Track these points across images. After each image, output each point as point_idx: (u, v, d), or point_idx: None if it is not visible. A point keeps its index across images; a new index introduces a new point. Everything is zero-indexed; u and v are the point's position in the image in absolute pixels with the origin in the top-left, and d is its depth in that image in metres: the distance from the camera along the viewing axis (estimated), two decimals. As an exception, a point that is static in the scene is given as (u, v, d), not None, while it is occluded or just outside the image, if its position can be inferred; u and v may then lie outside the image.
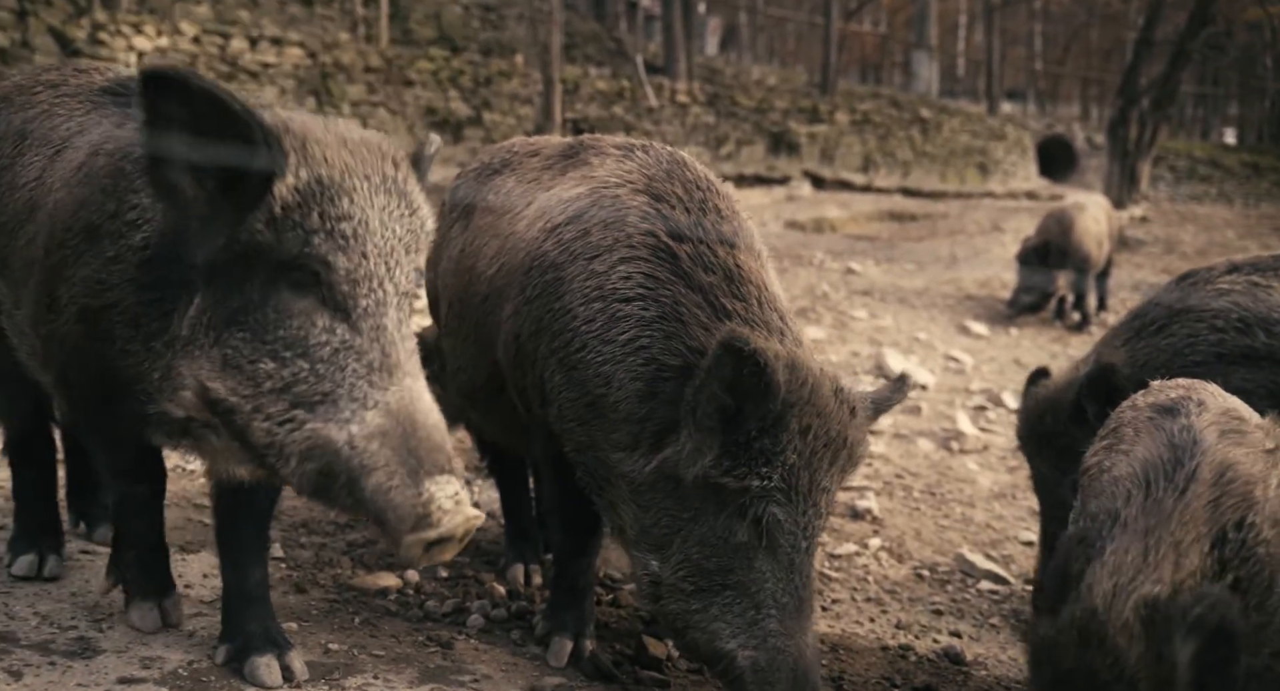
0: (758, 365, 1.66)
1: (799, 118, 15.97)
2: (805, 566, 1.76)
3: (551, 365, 1.97)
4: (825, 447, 1.75)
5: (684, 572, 1.78)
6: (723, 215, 2.00)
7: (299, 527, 2.85)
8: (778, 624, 1.72)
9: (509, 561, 2.65)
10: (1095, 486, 1.66)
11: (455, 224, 2.53)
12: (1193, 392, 1.73)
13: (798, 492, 1.73)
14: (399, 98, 11.78)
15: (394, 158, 1.57)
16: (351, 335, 1.46)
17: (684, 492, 1.77)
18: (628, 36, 18.76)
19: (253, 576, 1.88)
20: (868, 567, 2.91)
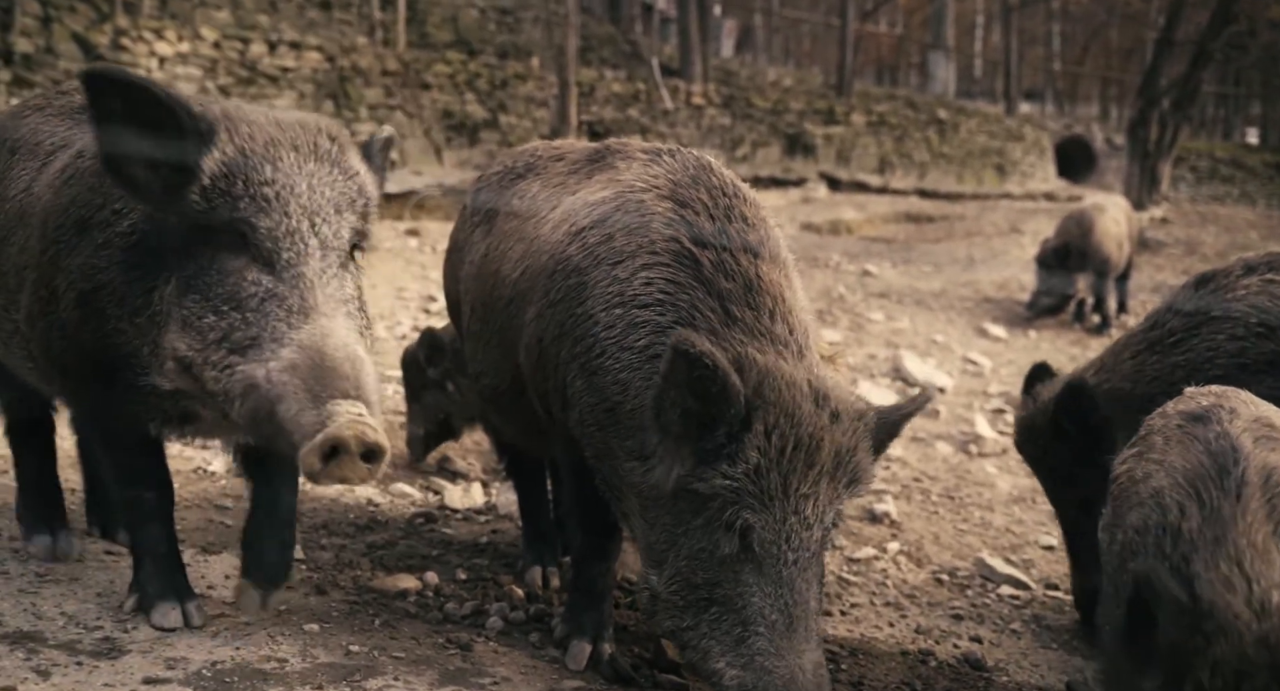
0: (707, 368, 1.66)
1: (815, 119, 15.93)
2: (797, 581, 1.69)
3: (573, 370, 1.97)
4: (796, 449, 1.69)
5: (675, 587, 1.76)
6: (749, 222, 1.99)
7: (319, 529, 2.87)
8: (766, 642, 1.66)
9: (527, 564, 2.66)
10: (1129, 496, 1.64)
11: (477, 228, 2.54)
12: (1224, 400, 1.71)
13: (770, 497, 1.68)
14: (416, 101, 11.85)
15: (330, 133, 1.77)
16: (275, 284, 1.64)
17: (675, 506, 1.77)
18: (643, 39, 18.78)
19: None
20: (886, 572, 2.90)
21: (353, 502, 3.23)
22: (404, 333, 5.67)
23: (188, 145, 1.65)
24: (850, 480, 1.76)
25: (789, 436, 1.70)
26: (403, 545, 2.82)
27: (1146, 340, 2.46)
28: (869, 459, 1.79)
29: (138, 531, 2.03)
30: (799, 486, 1.70)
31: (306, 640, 2.01)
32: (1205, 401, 1.72)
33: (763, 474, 1.69)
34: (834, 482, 1.74)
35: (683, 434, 1.72)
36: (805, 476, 1.70)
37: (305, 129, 1.74)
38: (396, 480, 3.57)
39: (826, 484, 1.73)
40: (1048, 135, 21.56)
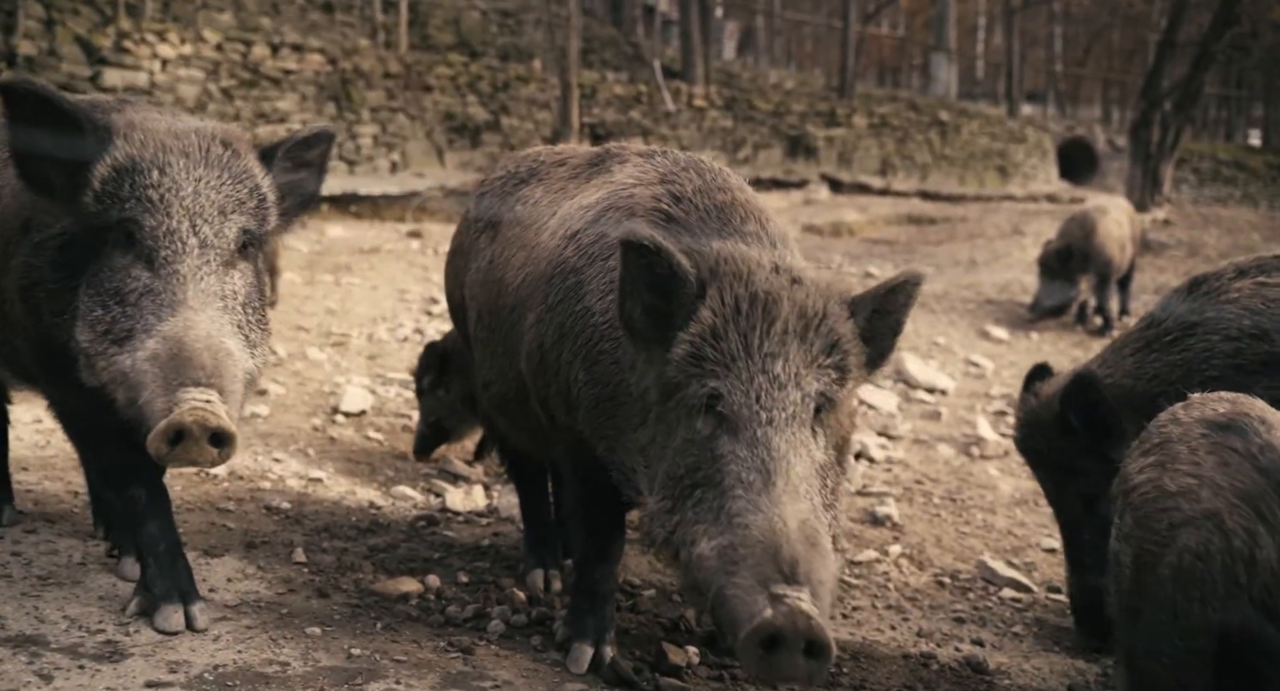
0: (652, 250, 1.69)
1: (816, 121, 15.94)
2: (774, 440, 1.60)
3: (576, 369, 1.97)
4: (753, 306, 1.67)
5: (664, 491, 1.70)
6: (743, 209, 2.01)
7: (321, 532, 2.87)
8: (744, 503, 1.56)
9: (529, 567, 2.66)
10: (1166, 512, 1.56)
11: (481, 234, 2.54)
12: (1245, 407, 1.65)
13: (732, 357, 1.65)
14: (418, 103, 11.86)
15: (225, 140, 1.91)
16: (152, 280, 1.78)
17: (662, 418, 1.75)
18: (645, 41, 18.79)
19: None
20: (888, 575, 2.89)
21: (355, 505, 3.24)
22: (406, 335, 5.68)
23: (86, 151, 1.81)
24: (827, 347, 1.69)
25: (743, 296, 1.68)
26: (404, 548, 2.82)
27: (1144, 338, 2.46)
28: (847, 327, 1.73)
29: (137, 532, 2.06)
30: (762, 344, 1.65)
31: (308, 643, 2.01)
32: (1224, 408, 1.67)
33: (720, 334, 1.67)
34: (806, 345, 1.67)
35: (652, 334, 1.74)
36: (768, 334, 1.66)
37: (200, 136, 1.88)
38: (398, 483, 3.58)
39: (796, 345, 1.67)
40: (1050, 137, 21.55)
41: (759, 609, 1.43)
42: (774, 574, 1.46)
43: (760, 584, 1.46)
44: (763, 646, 1.43)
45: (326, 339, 5.54)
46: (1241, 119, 32.46)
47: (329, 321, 5.90)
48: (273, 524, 2.88)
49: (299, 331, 5.65)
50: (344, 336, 5.59)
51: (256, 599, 2.25)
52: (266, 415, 4.16)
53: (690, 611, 2.49)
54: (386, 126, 11.56)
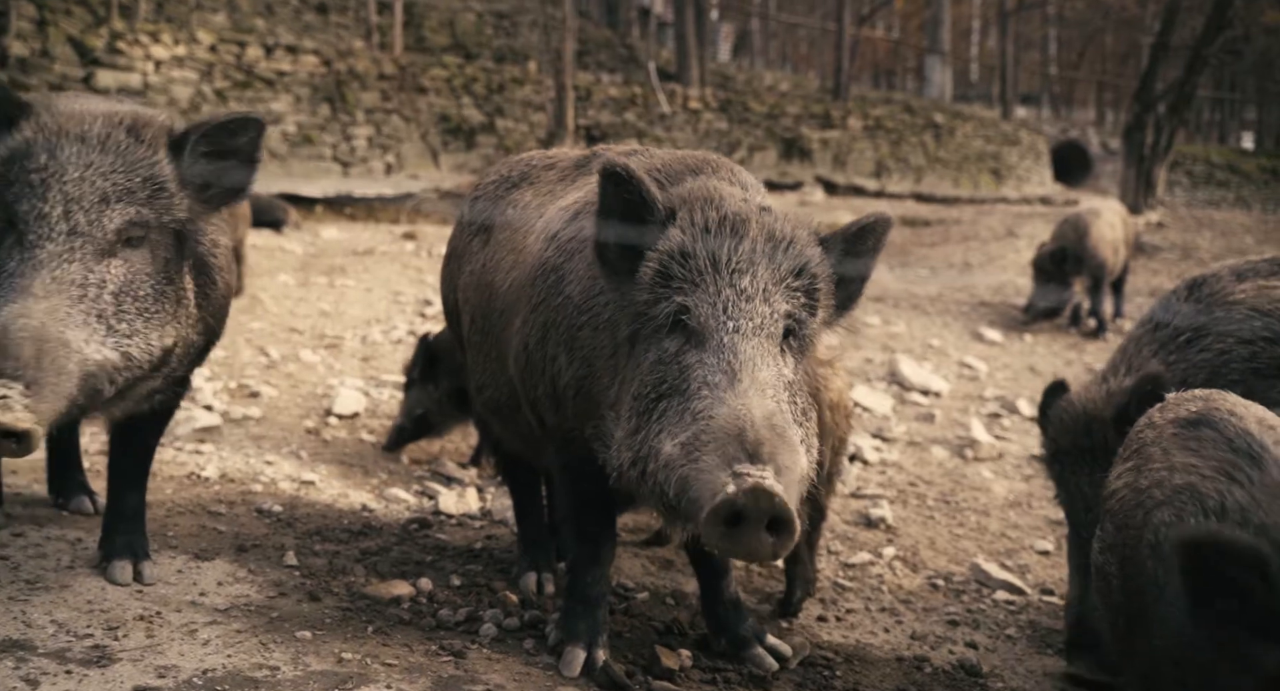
0: (624, 178, 1.72)
1: (811, 123, 15.96)
2: (741, 346, 1.61)
3: (560, 358, 1.98)
4: (721, 225, 1.70)
5: (629, 415, 1.69)
6: (719, 165, 2.04)
7: (312, 535, 2.86)
8: (708, 401, 1.55)
9: (522, 570, 2.65)
10: (1141, 505, 1.59)
11: (475, 237, 2.54)
12: (1216, 402, 1.68)
13: (700, 273, 1.67)
14: (412, 105, 11.85)
15: (132, 126, 1.89)
16: (16, 264, 1.77)
17: (632, 356, 1.76)
18: (640, 43, 18.80)
19: (129, 500, 2.30)
20: (882, 577, 2.89)
21: (347, 508, 3.22)
22: (399, 337, 5.66)
23: None
24: (796, 269, 1.70)
25: (713, 217, 1.71)
26: (396, 551, 2.81)
27: (1156, 340, 2.44)
28: (816, 254, 1.74)
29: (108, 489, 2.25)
30: (730, 260, 1.67)
31: (298, 647, 2.00)
32: (1196, 406, 1.69)
33: (689, 253, 1.69)
34: (774, 265, 1.69)
35: (623, 265, 1.75)
36: (735, 251, 1.68)
37: (105, 122, 1.86)
38: (391, 485, 3.57)
39: (765, 263, 1.68)
40: (1044, 139, 21.60)
41: (720, 485, 1.43)
42: (737, 453, 1.46)
43: (723, 463, 1.46)
44: (725, 523, 1.43)
45: (320, 341, 5.52)
46: (1234, 122, 32.60)
47: (323, 323, 5.88)
48: (264, 527, 2.86)
49: (292, 333, 5.63)
50: (338, 338, 5.58)
51: (247, 602, 2.24)
52: (259, 417, 4.14)
53: (684, 614, 2.49)
54: (381, 128, 11.54)
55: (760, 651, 2.21)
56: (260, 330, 5.60)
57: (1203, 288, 2.43)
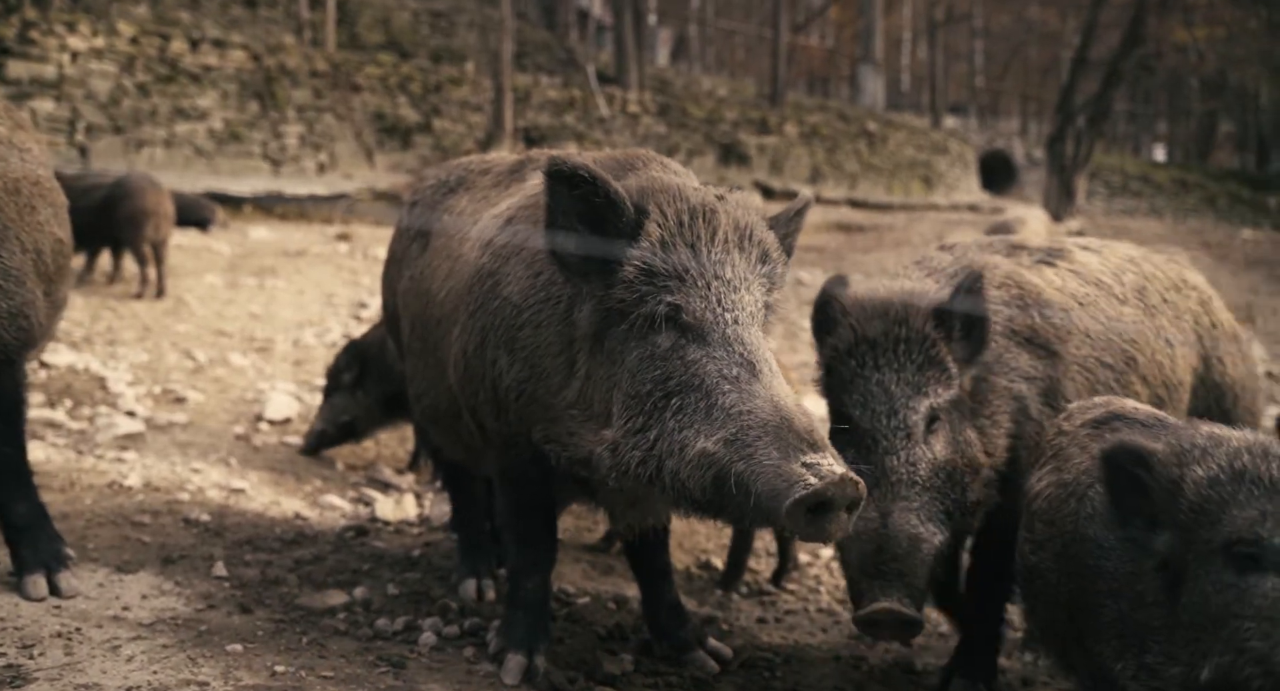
0: (586, 179, 1.71)
1: (749, 129, 16.16)
2: (745, 336, 1.66)
3: (500, 361, 1.96)
4: (694, 218, 1.72)
5: (629, 413, 1.67)
6: (650, 160, 2.05)
7: (243, 545, 2.77)
8: (735, 396, 1.58)
9: (462, 576, 2.61)
10: (1061, 501, 1.71)
11: (413, 244, 2.51)
12: (1116, 406, 1.85)
13: (685, 268, 1.68)
14: (346, 103, 11.61)
15: None
16: None
17: (605, 346, 1.76)
18: (579, 46, 18.78)
19: (17, 510, 2.19)
20: (819, 578, 2.93)
21: (279, 516, 3.14)
22: (333, 340, 5.54)
23: None
24: (762, 256, 1.75)
25: (683, 209, 1.73)
26: (332, 559, 2.74)
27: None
28: (772, 239, 1.80)
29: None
30: (710, 252, 1.70)
31: (229, 661, 1.93)
32: (1100, 411, 1.87)
33: (670, 247, 1.70)
34: (745, 254, 1.73)
35: (587, 266, 1.74)
36: (713, 242, 1.71)
37: None
38: (326, 492, 3.48)
39: (738, 254, 1.72)
40: (971, 149, 22.29)
41: (799, 477, 1.47)
42: (799, 444, 1.51)
43: (790, 455, 1.50)
44: (811, 512, 1.48)
45: (250, 344, 5.37)
46: (1148, 135, 34.16)
47: (252, 326, 5.72)
48: (191, 537, 2.77)
49: (220, 336, 5.46)
50: (268, 341, 5.43)
51: (174, 616, 2.16)
52: (185, 423, 4.00)
53: (627, 619, 2.49)
54: (314, 126, 11.28)
55: (702, 654, 2.23)
56: (186, 333, 5.42)
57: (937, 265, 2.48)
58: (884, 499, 1.90)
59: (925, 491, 1.94)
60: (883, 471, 1.93)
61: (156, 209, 6.08)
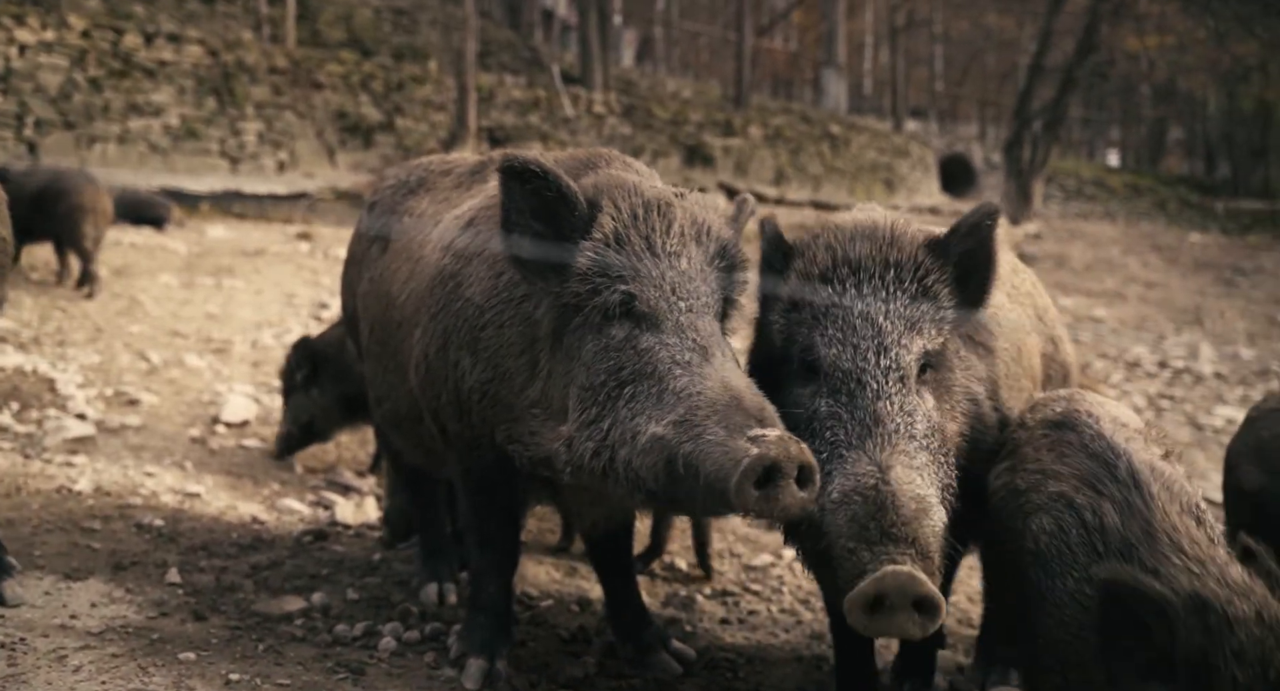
0: (538, 174, 1.70)
1: (713, 130, 16.22)
2: (697, 324, 1.63)
3: (463, 365, 1.94)
4: (648, 210, 1.71)
5: (583, 405, 1.65)
6: (612, 158, 2.04)
7: (198, 551, 2.72)
8: (687, 380, 1.55)
9: (423, 580, 2.59)
10: (1021, 506, 1.65)
11: (373, 245, 2.49)
12: (1077, 403, 1.78)
13: (639, 257, 1.67)
14: (307, 100, 11.44)
15: None
16: None
17: (562, 342, 1.75)
18: (544, 46, 18.72)
19: None
20: (782, 578, 2.95)
21: (236, 521, 3.08)
22: (293, 340, 5.45)
23: None
24: (720, 250, 1.74)
25: (638, 203, 1.72)
26: (290, 564, 2.70)
27: None
28: (732, 237, 1.79)
29: None
30: (665, 243, 1.69)
31: (181, 671, 1.89)
32: (1060, 407, 1.79)
33: (623, 239, 1.69)
34: (702, 247, 1.72)
35: (542, 263, 1.73)
36: (668, 234, 1.70)
37: None
38: (284, 496, 3.42)
39: (694, 245, 1.71)
40: (931, 152, 22.60)
41: (744, 450, 1.43)
42: (746, 420, 1.47)
43: (734, 432, 1.46)
44: (758, 484, 1.44)
45: (206, 345, 5.26)
46: (1101, 140, 34.94)
47: (209, 327, 5.60)
48: (144, 543, 2.71)
49: (175, 337, 5.34)
50: (226, 342, 5.32)
51: (124, 624, 2.11)
52: (138, 426, 3.91)
53: (590, 621, 2.48)
54: (273, 123, 11.09)
55: (665, 656, 2.23)
56: (139, 334, 5.29)
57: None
58: (878, 450, 1.54)
59: (924, 451, 1.59)
60: (874, 420, 1.58)
61: (93, 205, 5.94)
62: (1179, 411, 5.69)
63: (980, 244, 1.78)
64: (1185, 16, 16.66)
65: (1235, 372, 7.11)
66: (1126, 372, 6.91)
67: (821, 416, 1.63)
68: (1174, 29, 17.60)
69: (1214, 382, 6.70)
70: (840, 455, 1.56)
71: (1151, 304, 10.20)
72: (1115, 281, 11.28)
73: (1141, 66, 20.18)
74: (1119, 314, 9.48)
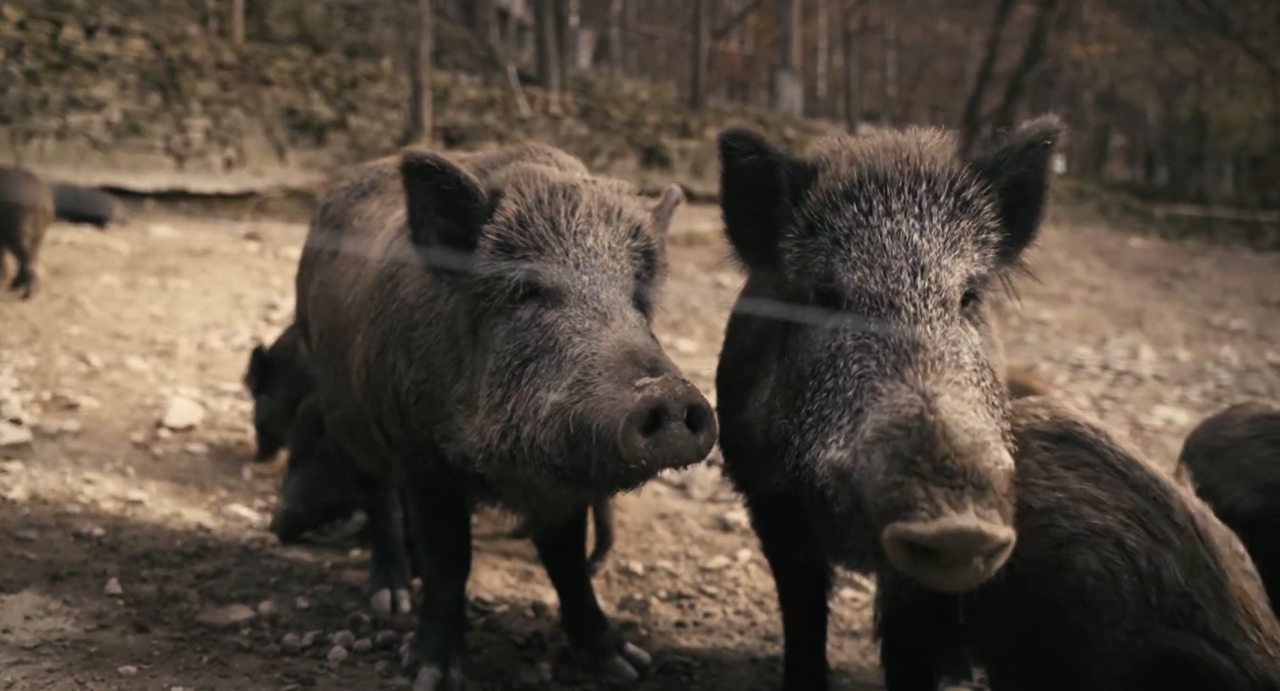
0: (436, 168, 1.69)
1: (670, 132, 16.26)
2: (600, 294, 1.60)
3: (399, 367, 1.92)
4: (553, 194, 1.69)
5: (489, 390, 1.63)
6: (538, 151, 2.04)
7: (140, 560, 2.64)
8: (585, 344, 1.53)
9: (375, 587, 2.55)
10: (1036, 528, 1.46)
11: (325, 247, 2.45)
12: (1063, 413, 1.63)
13: (543, 238, 1.65)
14: (256, 97, 11.20)
15: None
16: None
17: (481, 340, 1.72)
18: (499, 45, 18.59)
19: None
20: (737, 580, 2.96)
21: (180, 528, 3.00)
22: (242, 343, 5.33)
23: None
24: (632, 231, 1.72)
25: (543, 188, 1.71)
26: (237, 573, 2.64)
27: None
28: (646, 219, 1.77)
29: None
30: (570, 224, 1.67)
31: (121, 684, 1.84)
32: (1046, 417, 1.62)
33: (526, 221, 1.68)
34: (612, 227, 1.70)
35: (451, 260, 1.71)
36: (573, 215, 1.68)
37: None
38: (232, 502, 3.35)
39: (603, 226, 1.69)
40: (884, 156, 22.89)
41: (629, 398, 1.40)
42: (635, 371, 1.44)
43: (624, 383, 1.43)
44: (645, 431, 1.40)
45: (150, 347, 5.12)
46: (1048, 146, 35.74)
47: (153, 328, 5.45)
48: (83, 552, 2.62)
49: (118, 339, 5.19)
50: (171, 344, 5.19)
51: (61, 638, 2.04)
52: (78, 431, 3.79)
53: (545, 626, 2.46)
54: (220, 120, 10.84)
55: (620, 661, 2.22)
56: (79, 335, 5.13)
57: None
58: (920, 378, 1.27)
59: (974, 387, 1.32)
60: (912, 345, 1.31)
61: (32, 202, 5.74)
62: (1120, 412, 5.85)
63: (1034, 170, 1.55)
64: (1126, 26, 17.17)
65: (1174, 374, 7.35)
66: (1071, 374, 7.08)
67: (847, 350, 1.36)
68: (1115, 38, 18.13)
69: (1153, 384, 6.91)
70: (873, 388, 1.29)
71: (1095, 307, 10.48)
72: (1061, 284, 11.57)
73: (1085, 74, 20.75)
74: (1064, 316, 9.73)
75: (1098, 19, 17.69)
